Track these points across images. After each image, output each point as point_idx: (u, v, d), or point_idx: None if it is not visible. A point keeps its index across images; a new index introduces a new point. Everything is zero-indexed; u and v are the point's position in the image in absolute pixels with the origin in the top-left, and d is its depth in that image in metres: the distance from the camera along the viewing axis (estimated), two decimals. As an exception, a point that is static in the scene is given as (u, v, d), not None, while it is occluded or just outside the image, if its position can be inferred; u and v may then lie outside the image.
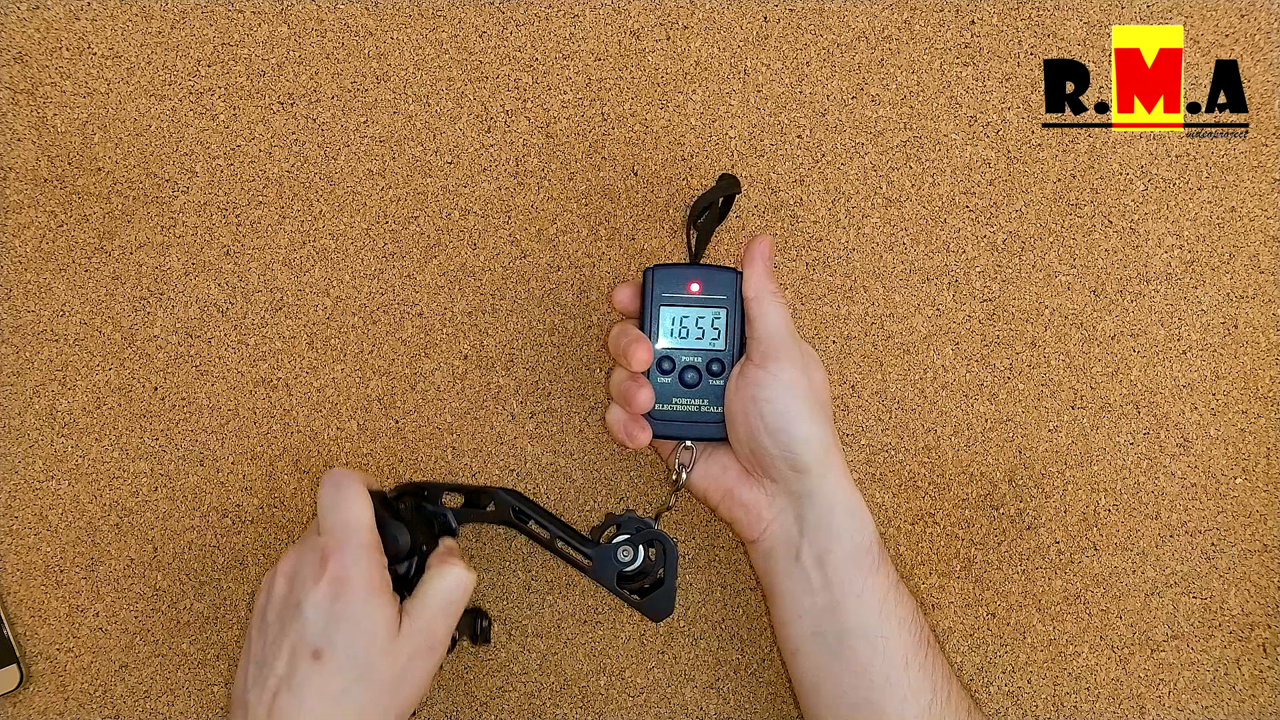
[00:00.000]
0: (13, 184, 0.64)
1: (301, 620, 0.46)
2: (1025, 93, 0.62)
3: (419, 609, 0.48)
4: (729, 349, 0.56)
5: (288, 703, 0.45)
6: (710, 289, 0.56)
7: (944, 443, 0.62)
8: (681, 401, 0.56)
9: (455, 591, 0.50)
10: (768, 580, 0.55)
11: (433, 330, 0.63)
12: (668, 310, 0.56)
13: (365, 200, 0.63)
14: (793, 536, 0.53)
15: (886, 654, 0.51)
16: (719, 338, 0.56)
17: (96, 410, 0.64)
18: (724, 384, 0.55)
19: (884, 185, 0.63)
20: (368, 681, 0.46)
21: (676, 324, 0.56)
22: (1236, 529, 0.62)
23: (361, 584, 0.47)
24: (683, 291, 0.56)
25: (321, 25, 0.63)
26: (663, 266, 0.56)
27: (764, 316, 0.54)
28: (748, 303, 0.55)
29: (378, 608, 0.47)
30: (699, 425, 0.56)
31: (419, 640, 0.48)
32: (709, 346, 0.56)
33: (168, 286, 0.64)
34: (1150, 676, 0.62)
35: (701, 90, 0.63)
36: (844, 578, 0.52)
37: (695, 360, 0.56)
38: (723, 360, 0.56)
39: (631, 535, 0.55)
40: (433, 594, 0.49)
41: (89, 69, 0.64)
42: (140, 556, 0.63)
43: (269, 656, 0.47)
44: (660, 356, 0.56)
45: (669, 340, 0.56)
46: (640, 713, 0.63)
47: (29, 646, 0.63)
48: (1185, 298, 0.62)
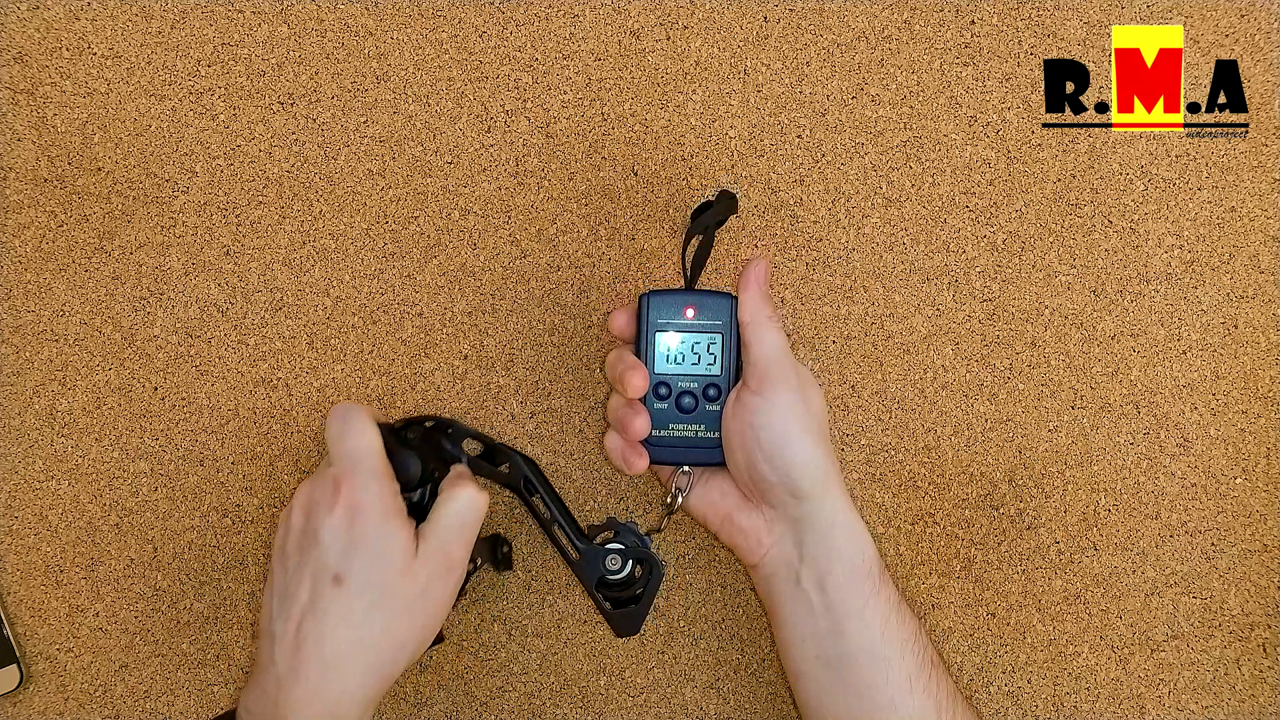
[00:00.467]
0: (13, 184, 0.64)
1: (320, 547, 0.47)
2: (1025, 93, 0.62)
3: (433, 531, 0.49)
4: (725, 374, 0.56)
5: (312, 629, 0.46)
6: (705, 314, 0.56)
7: (944, 443, 0.62)
8: (679, 427, 0.56)
9: (468, 512, 0.50)
10: (770, 604, 0.55)
11: (433, 330, 0.63)
12: (663, 336, 0.56)
13: (365, 200, 0.63)
14: (792, 561, 0.53)
15: (890, 676, 0.51)
16: (715, 363, 0.56)
17: (96, 410, 0.64)
18: (721, 409, 0.56)
19: (884, 185, 0.63)
20: (388, 604, 0.47)
21: (672, 350, 0.56)
22: (1236, 529, 0.62)
23: (375, 508, 0.48)
24: (678, 317, 0.56)
25: (321, 25, 0.63)
26: (658, 292, 0.56)
27: (759, 341, 0.54)
28: (743, 328, 0.55)
29: (393, 531, 0.47)
30: (696, 451, 0.56)
31: (436, 562, 0.48)
32: (705, 372, 0.56)
33: (168, 286, 0.64)
34: (1150, 676, 0.62)
35: (701, 90, 0.63)
36: (845, 601, 0.52)
37: (692, 386, 0.56)
38: (719, 385, 0.56)
39: (625, 548, 0.56)
40: (446, 516, 0.50)
41: (89, 69, 0.64)
42: (140, 556, 0.63)
43: (291, 586, 0.48)
44: (657, 382, 0.56)
45: (665, 366, 0.56)
46: (640, 713, 0.63)
47: (29, 646, 0.63)
48: (1185, 298, 0.62)
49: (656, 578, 0.56)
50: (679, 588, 0.63)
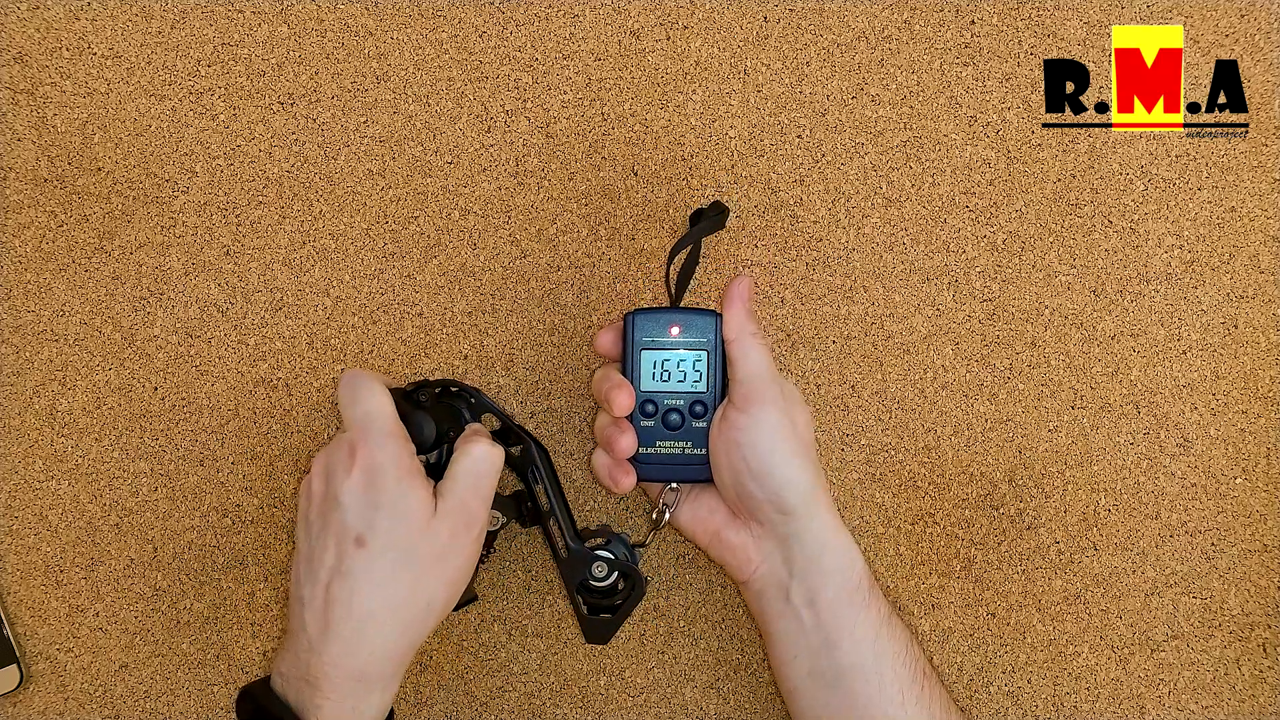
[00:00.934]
0: (13, 184, 0.64)
1: (341, 510, 0.48)
2: (1025, 93, 0.62)
3: (450, 488, 0.50)
4: (711, 391, 0.56)
5: (340, 590, 0.47)
6: (690, 332, 0.56)
7: (944, 443, 0.62)
8: (665, 444, 0.57)
9: (482, 464, 0.51)
10: (761, 621, 0.56)
11: (433, 330, 0.63)
12: (649, 354, 0.56)
13: (365, 200, 0.63)
14: (782, 578, 0.54)
15: (883, 690, 0.52)
16: (700, 380, 0.56)
17: (96, 410, 0.64)
18: (707, 426, 0.56)
19: (884, 185, 0.63)
20: (411, 562, 0.48)
21: (658, 367, 0.56)
22: (1236, 529, 0.62)
23: (391, 469, 0.48)
24: (663, 335, 0.56)
25: (321, 25, 0.63)
26: (642, 311, 0.56)
27: (745, 358, 0.55)
28: (728, 345, 0.56)
29: (410, 489, 0.48)
30: (684, 468, 0.57)
31: (456, 518, 0.49)
32: (691, 389, 0.56)
33: (168, 286, 0.64)
34: (1150, 676, 0.62)
35: (701, 90, 0.63)
36: (836, 617, 0.52)
37: (678, 403, 0.56)
38: (705, 402, 0.56)
39: (614, 558, 0.56)
40: (462, 471, 0.50)
41: (89, 69, 0.64)
42: (140, 556, 0.63)
43: (316, 551, 0.48)
44: (643, 400, 0.56)
45: (651, 384, 0.56)
46: (640, 713, 0.63)
47: (29, 646, 0.63)
48: (1185, 298, 0.62)
49: (637, 595, 0.57)
50: (679, 588, 0.63)
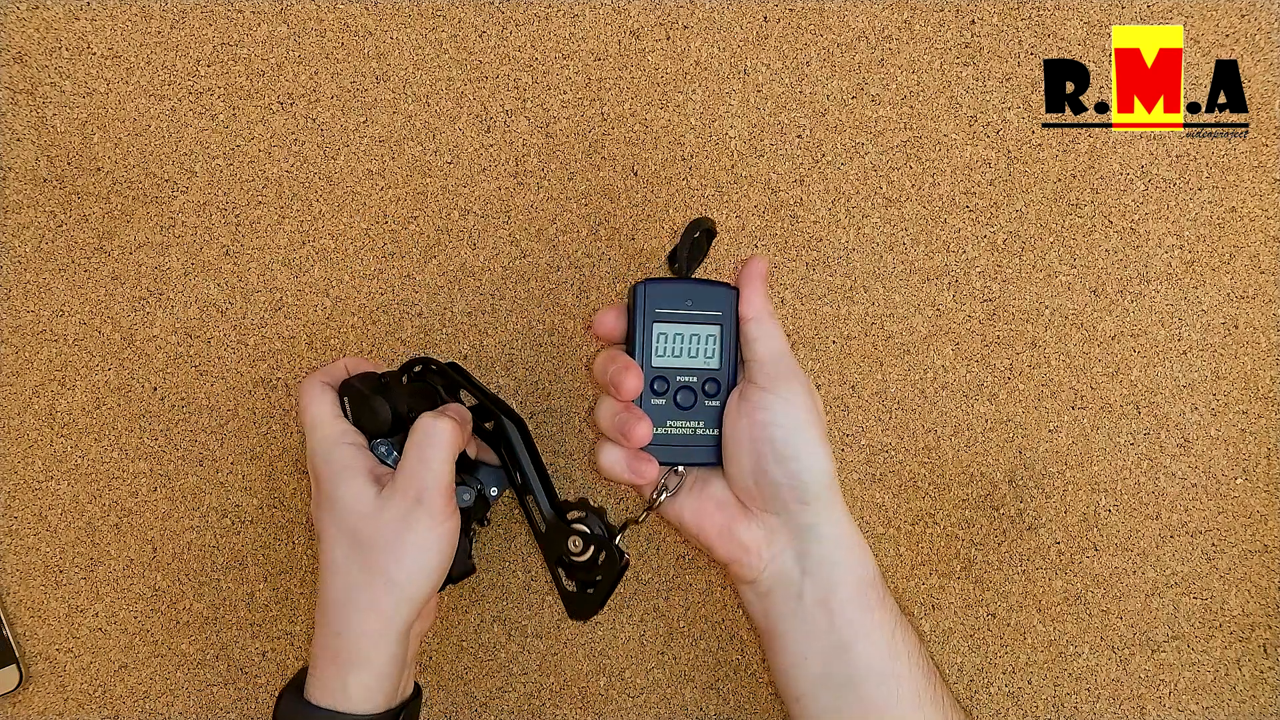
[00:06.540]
0: (13, 184, 0.64)
1: (316, 519, 0.52)
2: (1025, 93, 0.62)
3: (400, 468, 0.50)
4: (725, 368, 0.52)
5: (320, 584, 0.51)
6: (704, 305, 0.52)
7: (944, 443, 0.62)
8: (676, 424, 0.52)
9: (424, 440, 0.50)
10: (767, 624, 0.52)
11: (433, 330, 0.63)
12: (660, 327, 0.52)
13: (365, 200, 0.63)
14: (793, 576, 0.50)
15: (899, 693, 0.49)
16: (714, 356, 0.52)
17: (96, 410, 0.64)
18: (720, 406, 0.52)
19: (884, 185, 0.63)
20: (357, 545, 0.50)
21: (670, 341, 0.52)
22: (1236, 529, 0.62)
23: (326, 471, 0.51)
24: (676, 307, 0.52)
25: (321, 25, 0.63)
26: (653, 281, 0.52)
27: (767, 337, 0.52)
28: (747, 323, 0.52)
29: (346, 482, 0.50)
30: (693, 449, 0.52)
31: (403, 495, 0.50)
32: (704, 365, 0.52)
33: (168, 286, 0.64)
34: (1150, 677, 0.62)
35: (701, 90, 0.63)
36: (850, 617, 0.50)
37: (690, 380, 0.52)
38: (719, 380, 0.52)
39: (590, 534, 0.54)
40: (407, 450, 0.51)
41: (89, 69, 0.64)
42: (140, 556, 0.63)
43: None
44: (653, 377, 0.52)
45: (662, 359, 0.52)
46: (640, 713, 0.63)
47: (29, 646, 0.63)
48: (1185, 298, 0.62)
49: (615, 568, 0.54)
50: (679, 588, 0.63)
